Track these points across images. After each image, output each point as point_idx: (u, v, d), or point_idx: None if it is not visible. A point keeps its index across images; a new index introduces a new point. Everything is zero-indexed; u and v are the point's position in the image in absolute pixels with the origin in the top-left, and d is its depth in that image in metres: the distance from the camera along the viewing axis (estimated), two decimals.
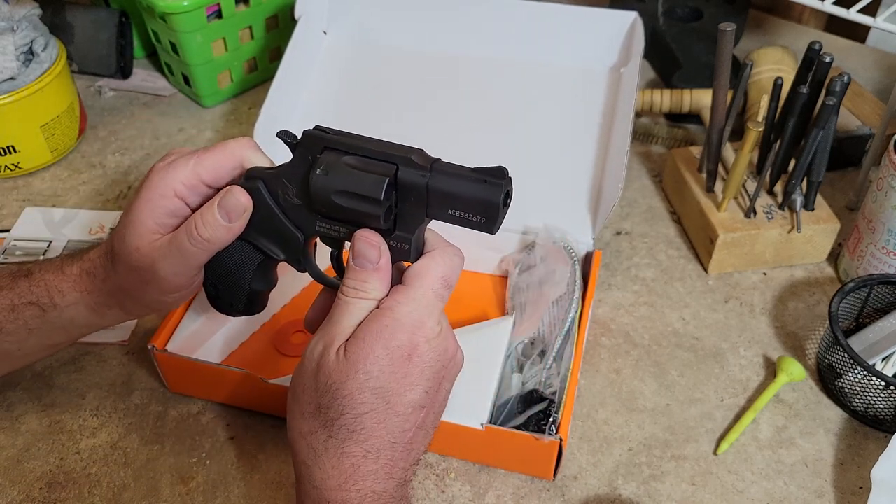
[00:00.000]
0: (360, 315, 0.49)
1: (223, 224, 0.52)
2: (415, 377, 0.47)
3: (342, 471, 0.46)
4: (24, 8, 0.88)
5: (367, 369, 0.46)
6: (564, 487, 0.63)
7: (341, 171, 0.49)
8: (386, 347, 0.47)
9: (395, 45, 0.90)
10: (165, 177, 0.53)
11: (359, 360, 0.46)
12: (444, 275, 0.49)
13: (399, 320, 0.47)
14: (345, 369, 0.46)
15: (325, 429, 0.47)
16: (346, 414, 0.46)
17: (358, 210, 0.49)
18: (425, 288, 0.49)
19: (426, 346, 0.48)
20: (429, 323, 0.48)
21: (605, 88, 0.84)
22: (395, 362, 0.47)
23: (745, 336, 0.75)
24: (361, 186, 0.49)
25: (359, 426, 0.46)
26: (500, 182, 0.47)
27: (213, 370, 0.66)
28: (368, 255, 0.49)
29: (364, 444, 0.47)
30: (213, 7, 0.96)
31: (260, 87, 1.07)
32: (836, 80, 0.69)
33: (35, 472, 0.64)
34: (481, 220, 0.48)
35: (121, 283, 0.56)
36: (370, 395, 0.46)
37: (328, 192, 0.50)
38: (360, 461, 0.47)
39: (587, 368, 0.72)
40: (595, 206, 0.77)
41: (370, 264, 0.49)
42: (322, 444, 0.47)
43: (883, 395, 0.65)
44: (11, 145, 0.89)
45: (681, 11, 1.11)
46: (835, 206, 0.81)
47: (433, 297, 0.49)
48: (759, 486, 0.63)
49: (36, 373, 0.72)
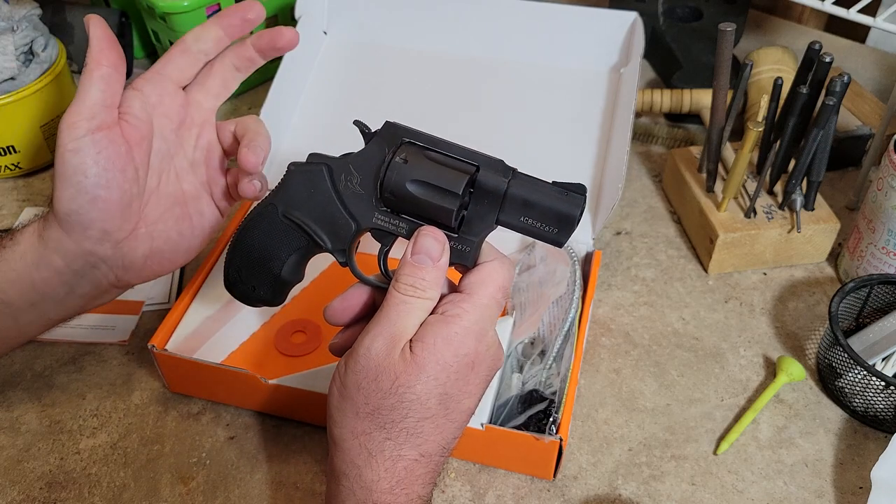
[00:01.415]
0: (418, 315, 0.48)
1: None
2: (473, 386, 0.48)
3: (395, 474, 0.46)
4: (24, 8, 0.88)
5: (437, 375, 0.46)
6: (564, 487, 0.63)
7: (422, 162, 0.50)
8: (455, 355, 0.47)
9: (395, 45, 0.90)
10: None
11: (428, 365, 0.46)
12: (502, 284, 0.50)
13: (468, 329, 0.47)
14: (414, 373, 0.46)
15: (382, 430, 0.46)
16: (410, 417, 0.46)
17: (431, 203, 0.49)
18: (488, 297, 0.49)
19: (486, 355, 0.48)
20: (490, 332, 0.49)
21: (605, 88, 0.84)
22: (461, 370, 0.47)
23: (745, 336, 0.75)
24: (441, 179, 0.49)
25: (419, 430, 0.46)
26: (581, 196, 0.49)
27: (213, 370, 0.66)
28: (432, 251, 0.49)
29: (420, 447, 0.47)
30: (213, 7, 0.96)
31: (260, 87, 1.07)
32: (836, 80, 0.69)
33: (35, 472, 0.64)
34: (554, 230, 0.50)
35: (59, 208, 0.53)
36: (436, 401, 0.46)
37: (404, 180, 0.49)
38: (414, 465, 0.47)
39: (587, 368, 0.72)
40: (595, 206, 0.77)
41: (430, 261, 0.48)
42: (378, 446, 0.46)
43: (883, 395, 0.65)
44: (11, 145, 0.90)
45: (681, 11, 1.11)
46: (835, 206, 0.81)
47: (495, 305, 0.49)
48: (759, 486, 0.63)
49: (36, 373, 0.72)
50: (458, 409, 0.48)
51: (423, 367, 0.46)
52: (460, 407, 0.48)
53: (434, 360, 0.46)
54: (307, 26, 0.88)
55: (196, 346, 0.70)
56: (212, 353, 0.70)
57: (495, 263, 0.50)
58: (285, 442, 0.66)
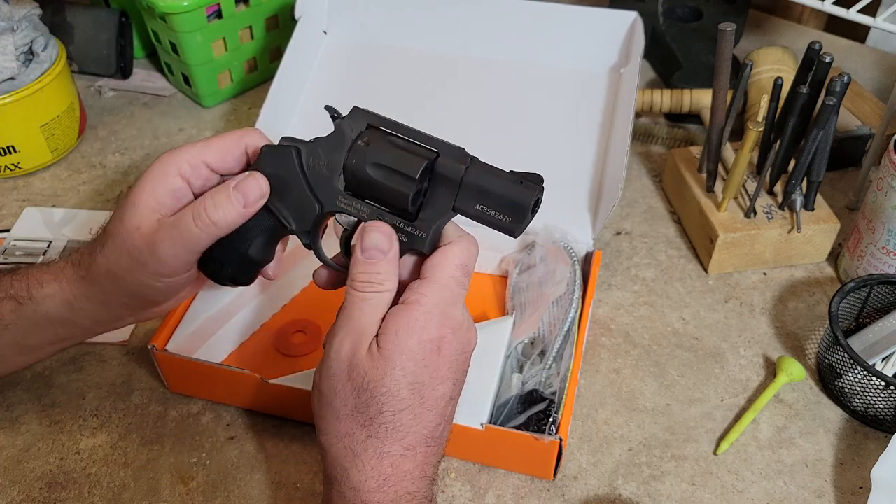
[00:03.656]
0: (379, 309, 0.48)
1: (236, 207, 0.51)
2: (444, 370, 0.48)
3: (381, 471, 0.46)
4: (24, 8, 0.88)
5: (403, 365, 0.46)
6: (564, 487, 0.63)
7: (383, 145, 0.50)
8: (419, 342, 0.47)
9: (395, 45, 0.90)
10: (171, 157, 0.52)
11: (394, 356, 0.46)
12: (461, 262, 0.49)
13: (429, 312, 0.47)
14: (381, 366, 0.46)
15: (364, 428, 0.47)
16: (386, 411, 0.46)
17: (389, 187, 0.50)
18: (447, 277, 0.49)
19: (452, 337, 0.48)
20: (454, 313, 0.48)
21: (605, 88, 0.84)
22: (427, 356, 0.47)
23: (745, 336, 0.75)
24: (399, 163, 0.49)
25: (398, 423, 0.46)
26: (535, 186, 0.49)
27: (213, 370, 0.66)
28: (381, 244, 0.49)
29: (402, 441, 0.47)
30: (213, 7, 0.96)
31: (260, 87, 1.07)
32: (836, 80, 0.69)
33: (35, 472, 0.64)
34: (507, 219, 0.50)
35: (110, 266, 0.53)
36: (407, 390, 0.46)
37: (364, 163, 0.50)
38: (399, 460, 0.46)
39: (587, 368, 0.72)
40: (595, 206, 0.77)
41: (381, 255, 0.49)
42: (361, 445, 0.47)
43: (883, 395, 0.65)
44: (11, 145, 0.89)
45: (681, 11, 1.11)
46: (835, 206, 0.81)
47: (455, 285, 0.49)
48: (759, 486, 0.63)
49: (36, 373, 0.72)
50: (433, 395, 0.47)
51: (389, 359, 0.46)
52: (435, 394, 0.47)
53: (398, 349, 0.46)
54: (307, 26, 0.88)
55: (196, 346, 0.70)
56: (212, 353, 0.70)
57: (453, 243, 0.50)
58: (285, 442, 0.66)
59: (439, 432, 0.48)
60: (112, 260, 0.53)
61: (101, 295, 0.55)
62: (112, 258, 0.53)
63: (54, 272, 0.56)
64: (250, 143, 0.54)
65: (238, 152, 0.54)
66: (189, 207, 0.52)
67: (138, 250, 0.52)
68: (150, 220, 0.52)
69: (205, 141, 0.53)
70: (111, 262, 0.53)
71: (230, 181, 0.52)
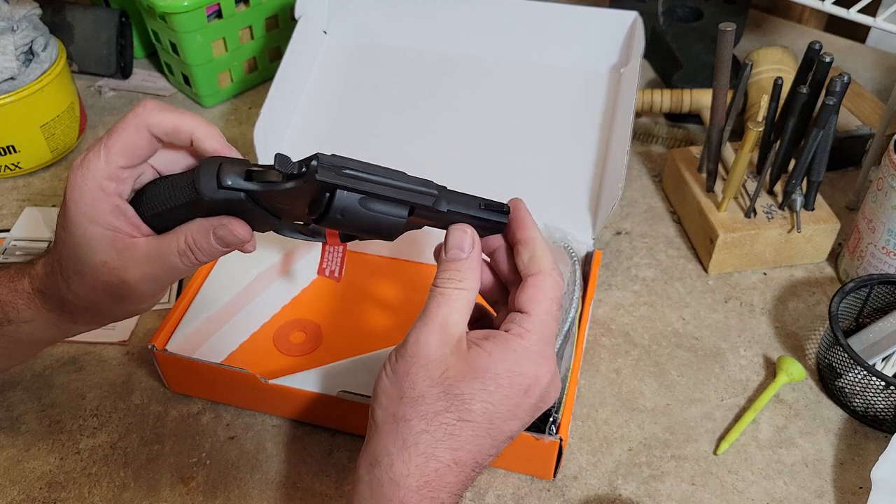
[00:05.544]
0: (458, 304, 0.48)
1: (219, 249, 0.50)
2: (522, 411, 0.47)
3: (425, 473, 0.45)
4: (24, 8, 0.88)
5: (485, 383, 0.45)
6: (564, 487, 0.63)
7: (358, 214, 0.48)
8: (510, 371, 0.46)
9: (395, 45, 0.90)
10: (85, 181, 0.48)
11: (480, 369, 0.45)
12: (556, 296, 0.49)
13: (528, 349, 0.47)
14: (464, 372, 0.46)
15: (423, 420, 0.45)
16: (452, 413, 0.45)
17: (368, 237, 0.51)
18: (545, 313, 0.48)
19: (543, 385, 0.47)
20: (550, 355, 0.48)
21: (605, 88, 0.84)
22: (513, 388, 0.46)
23: (745, 336, 0.75)
24: (379, 228, 0.49)
25: (457, 432, 0.45)
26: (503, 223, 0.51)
27: (213, 370, 0.66)
28: (463, 244, 0.49)
29: (455, 452, 0.45)
30: (213, 7, 0.96)
31: (260, 87, 1.07)
32: (836, 80, 0.69)
33: (35, 472, 0.64)
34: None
35: (86, 305, 0.51)
36: (480, 407, 0.45)
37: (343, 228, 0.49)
38: (445, 470, 0.45)
39: (587, 368, 0.72)
40: (595, 206, 0.77)
41: (463, 254, 0.49)
42: (414, 437, 0.45)
43: (883, 395, 0.65)
44: (11, 145, 0.89)
45: (681, 11, 1.11)
46: (835, 206, 0.81)
47: (552, 321, 0.48)
48: (759, 486, 0.63)
49: (36, 373, 0.72)
50: (502, 428, 0.47)
51: (475, 370, 0.46)
52: (504, 427, 0.47)
53: (486, 367, 0.46)
54: (307, 26, 0.88)
55: (196, 346, 0.70)
56: (212, 353, 0.70)
57: (546, 275, 0.49)
58: (285, 442, 0.66)
59: (487, 462, 0.48)
60: (87, 298, 0.51)
61: (86, 320, 0.54)
62: (86, 296, 0.51)
63: (26, 299, 0.53)
64: (153, 124, 0.48)
65: (144, 143, 0.49)
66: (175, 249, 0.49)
67: (114, 287, 0.50)
68: (111, 251, 0.49)
69: (105, 146, 0.48)
70: (87, 300, 0.51)
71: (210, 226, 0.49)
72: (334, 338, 0.73)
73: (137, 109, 0.49)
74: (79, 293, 0.51)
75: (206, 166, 0.48)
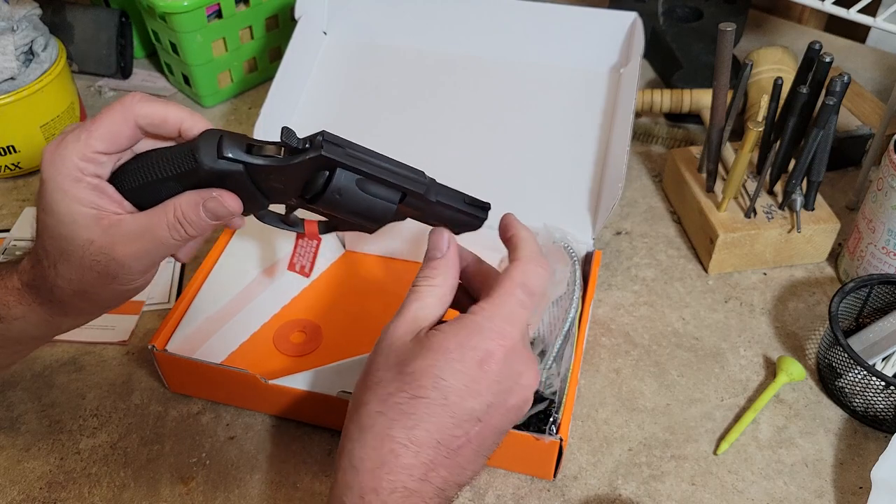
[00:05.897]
0: (429, 300, 0.49)
1: (208, 222, 0.50)
2: (482, 385, 0.46)
3: (381, 454, 0.45)
4: (24, 8, 0.88)
5: (436, 358, 0.46)
6: (564, 487, 0.63)
7: (354, 195, 0.50)
8: (460, 345, 0.46)
9: (395, 45, 0.90)
10: (63, 162, 0.47)
11: (431, 347, 0.46)
12: (522, 281, 0.49)
13: (479, 324, 0.47)
14: (416, 350, 0.47)
15: (380, 402, 0.46)
16: (404, 392, 0.46)
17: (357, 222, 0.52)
18: (504, 294, 0.49)
19: (501, 356, 0.47)
20: (511, 332, 0.48)
21: (605, 88, 0.84)
22: (464, 363, 0.46)
23: (745, 336, 0.75)
24: (371, 212, 0.51)
25: (410, 409, 0.45)
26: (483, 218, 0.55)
27: (213, 370, 0.66)
28: (439, 243, 0.51)
29: (410, 431, 0.45)
30: (214, 7, 0.96)
31: (260, 87, 1.07)
32: (836, 80, 0.69)
33: (35, 472, 0.64)
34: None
35: (75, 287, 0.50)
36: (431, 382, 0.45)
37: (337, 209, 0.50)
38: (401, 450, 0.45)
39: (587, 368, 0.72)
40: (595, 206, 0.77)
41: (439, 253, 0.51)
42: (370, 419, 0.46)
43: (883, 395, 0.65)
44: (11, 145, 0.90)
45: (681, 11, 1.11)
46: (835, 206, 0.81)
47: (514, 302, 0.49)
48: (759, 486, 0.63)
49: (36, 373, 0.72)
50: (459, 403, 0.46)
51: (426, 348, 0.46)
52: (464, 405, 0.46)
53: (438, 342, 0.46)
54: (307, 26, 0.88)
55: (196, 346, 0.70)
56: (212, 353, 0.71)
57: (518, 261, 0.51)
58: (285, 442, 0.66)
59: (456, 445, 0.46)
60: (75, 280, 0.50)
61: (78, 310, 0.54)
62: (74, 278, 0.50)
63: (16, 295, 0.53)
64: (140, 115, 0.49)
65: (128, 132, 0.49)
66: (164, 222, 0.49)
67: (102, 265, 0.49)
68: (96, 229, 0.48)
69: (87, 130, 0.48)
70: (75, 283, 0.50)
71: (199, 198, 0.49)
72: (334, 338, 0.73)
73: (125, 100, 0.49)
74: (66, 276, 0.50)
75: (207, 137, 0.48)
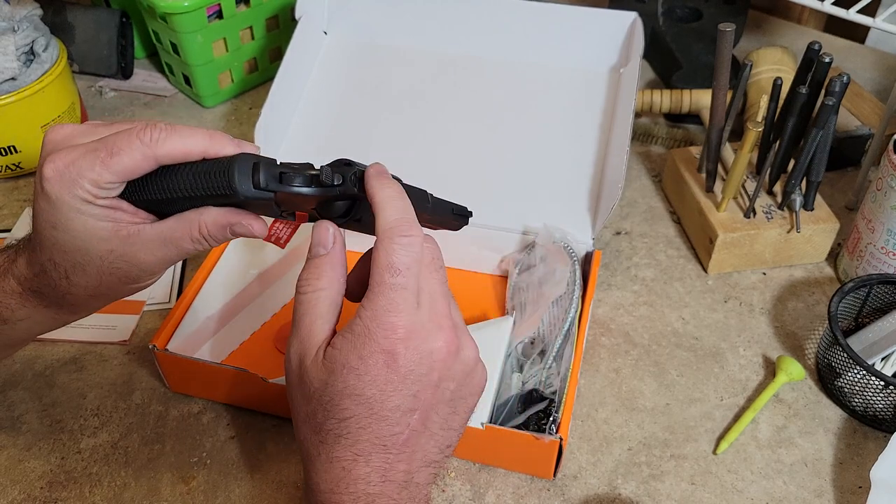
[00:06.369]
0: (315, 309, 0.47)
1: (231, 238, 0.50)
2: (397, 382, 0.45)
3: (333, 475, 0.46)
4: (25, 8, 0.88)
5: (344, 379, 0.45)
6: (564, 487, 0.63)
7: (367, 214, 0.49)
8: (360, 357, 0.45)
9: (395, 45, 0.90)
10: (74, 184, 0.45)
11: (335, 370, 0.45)
12: (385, 263, 0.45)
13: (367, 327, 0.45)
14: (323, 377, 0.45)
15: (315, 434, 0.46)
16: (331, 419, 0.45)
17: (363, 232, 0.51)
18: (375, 286, 0.45)
19: (404, 350, 0.45)
20: (398, 321, 0.45)
21: (605, 88, 0.84)
22: (370, 370, 0.45)
23: (745, 336, 0.75)
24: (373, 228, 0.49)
25: (344, 431, 0.45)
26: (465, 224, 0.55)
27: (213, 370, 0.66)
28: (323, 239, 0.48)
29: (352, 447, 0.45)
30: (214, 7, 0.96)
31: (260, 88, 1.08)
32: (835, 80, 0.69)
33: (36, 472, 0.65)
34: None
35: (91, 291, 0.50)
36: (349, 401, 0.45)
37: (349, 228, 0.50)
38: (351, 464, 0.45)
39: (587, 368, 0.72)
40: (595, 206, 0.77)
41: (323, 250, 0.48)
42: (315, 449, 0.47)
43: (882, 395, 0.65)
44: (12, 145, 0.90)
45: (681, 12, 1.11)
46: (834, 206, 0.81)
47: (386, 290, 0.45)
48: (759, 486, 0.63)
49: (36, 372, 0.72)
50: (385, 407, 0.45)
51: (331, 372, 0.45)
52: (387, 405, 0.45)
53: (339, 363, 0.45)
54: (307, 26, 0.88)
55: (196, 345, 0.70)
56: (212, 353, 0.71)
57: (377, 242, 0.47)
58: (285, 442, 0.66)
59: (402, 440, 0.46)
60: (93, 286, 0.50)
61: (90, 308, 0.54)
62: (91, 284, 0.49)
63: (17, 298, 0.52)
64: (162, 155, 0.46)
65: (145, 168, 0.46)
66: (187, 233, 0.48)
67: (123, 270, 0.49)
68: (115, 240, 0.47)
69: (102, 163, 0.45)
70: (91, 289, 0.50)
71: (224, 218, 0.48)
72: None
73: (145, 138, 0.45)
74: (82, 283, 0.50)
75: (241, 164, 0.47)
